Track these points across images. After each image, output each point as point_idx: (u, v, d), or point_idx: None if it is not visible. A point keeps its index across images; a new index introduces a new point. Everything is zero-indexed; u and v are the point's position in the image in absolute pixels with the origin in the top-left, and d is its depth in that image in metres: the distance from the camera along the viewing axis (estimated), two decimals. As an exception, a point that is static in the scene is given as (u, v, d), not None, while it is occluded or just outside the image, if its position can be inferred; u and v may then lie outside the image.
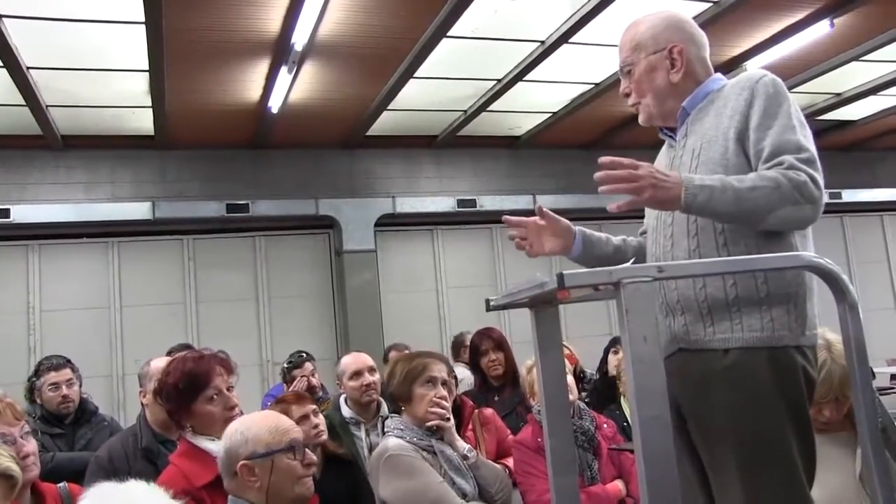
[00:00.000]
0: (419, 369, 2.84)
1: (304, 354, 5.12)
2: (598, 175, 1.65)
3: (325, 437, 3.06)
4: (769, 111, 1.79)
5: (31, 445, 2.35)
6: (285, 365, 5.10)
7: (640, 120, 2.06)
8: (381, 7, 5.50)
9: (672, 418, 1.48)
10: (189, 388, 2.47)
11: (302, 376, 3.96)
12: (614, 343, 4.69)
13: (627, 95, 2.04)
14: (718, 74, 2.00)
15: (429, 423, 2.77)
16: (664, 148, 2.09)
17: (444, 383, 2.87)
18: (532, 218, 2.05)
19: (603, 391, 4.49)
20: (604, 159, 1.65)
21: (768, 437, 1.70)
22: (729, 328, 1.76)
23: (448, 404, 2.85)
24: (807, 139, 1.78)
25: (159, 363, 3.12)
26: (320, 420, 3.10)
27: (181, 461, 2.38)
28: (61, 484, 2.46)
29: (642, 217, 2.13)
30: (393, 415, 2.92)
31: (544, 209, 2.03)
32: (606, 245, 2.12)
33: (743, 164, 1.81)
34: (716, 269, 1.62)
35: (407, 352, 3.58)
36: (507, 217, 2.08)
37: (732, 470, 1.72)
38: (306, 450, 2.15)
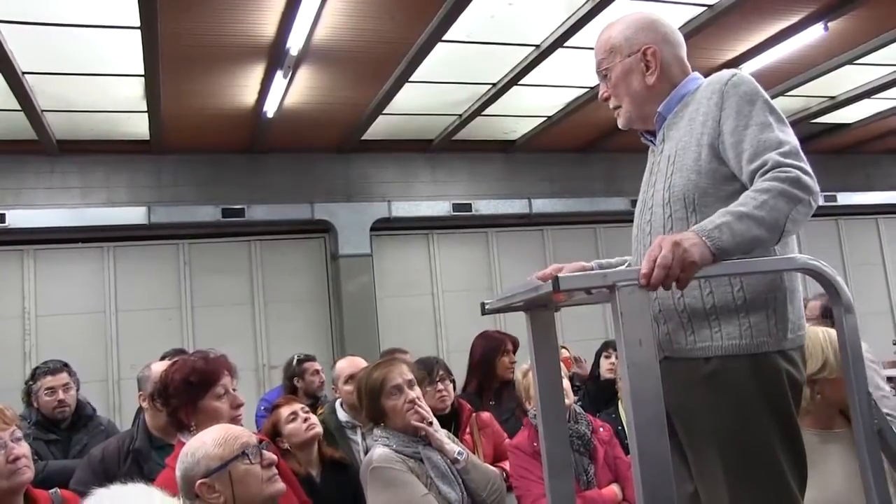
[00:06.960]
0: (379, 383, 2.77)
1: (302, 355, 5.11)
2: (650, 285, 1.52)
3: (318, 430, 3.01)
4: (742, 111, 1.76)
5: (22, 449, 2.31)
6: (294, 365, 5.00)
7: (620, 124, 2.03)
8: (376, 11, 5.50)
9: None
10: (200, 382, 2.46)
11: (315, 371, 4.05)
12: (606, 347, 4.69)
13: (607, 100, 2.03)
14: (695, 73, 1.97)
15: (416, 427, 2.73)
16: (649, 153, 2.06)
17: (411, 383, 2.79)
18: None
19: (595, 395, 4.48)
20: (644, 279, 1.52)
21: (754, 442, 1.70)
22: (709, 336, 1.75)
23: (423, 403, 2.78)
24: (785, 133, 1.74)
25: (159, 367, 3.10)
26: (310, 415, 3.06)
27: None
28: (53, 490, 2.44)
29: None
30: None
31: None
32: (615, 263, 2.10)
33: (715, 170, 1.79)
34: (712, 272, 1.61)
35: (362, 368, 3.44)
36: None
37: (719, 476, 1.72)
38: (263, 450, 2.10)
